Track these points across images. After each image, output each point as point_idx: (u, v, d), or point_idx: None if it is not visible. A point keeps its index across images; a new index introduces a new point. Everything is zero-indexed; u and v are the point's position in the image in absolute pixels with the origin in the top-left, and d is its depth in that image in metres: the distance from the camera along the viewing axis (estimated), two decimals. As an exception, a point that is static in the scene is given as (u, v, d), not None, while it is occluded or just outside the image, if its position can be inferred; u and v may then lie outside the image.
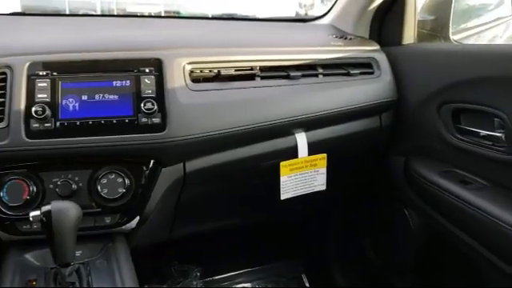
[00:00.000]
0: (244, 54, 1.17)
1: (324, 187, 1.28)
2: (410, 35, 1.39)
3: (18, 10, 1.48)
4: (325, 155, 1.25)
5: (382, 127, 1.35)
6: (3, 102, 0.96)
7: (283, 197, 1.23)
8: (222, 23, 1.67)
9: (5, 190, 0.96)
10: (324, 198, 1.35)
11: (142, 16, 2.51)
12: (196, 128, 1.04)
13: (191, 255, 1.75)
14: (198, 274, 1.71)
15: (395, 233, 1.53)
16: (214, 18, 1.90)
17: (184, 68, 1.07)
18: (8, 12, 1.44)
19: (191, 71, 1.09)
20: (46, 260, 0.95)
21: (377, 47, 1.37)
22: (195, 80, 1.10)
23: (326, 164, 1.25)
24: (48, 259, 0.91)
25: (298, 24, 1.69)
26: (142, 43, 1.15)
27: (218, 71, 1.12)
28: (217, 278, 1.79)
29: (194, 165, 1.10)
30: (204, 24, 1.63)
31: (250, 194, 1.35)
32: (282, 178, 1.21)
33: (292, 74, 1.18)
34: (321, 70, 1.23)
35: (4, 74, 0.98)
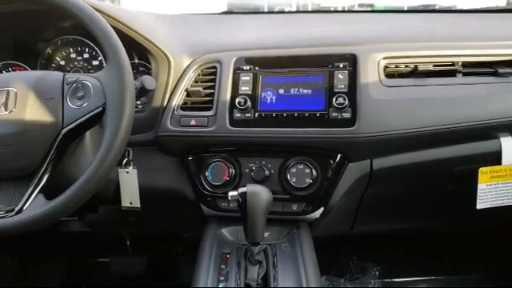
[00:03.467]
0: (444, 48, 1.10)
1: (531, 201, 1.12)
2: None
3: (225, 9, 1.65)
4: (535, 164, 1.09)
5: None
6: (213, 93, 1.09)
7: (480, 206, 1.11)
8: (419, 16, 1.58)
9: (209, 170, 1.09)
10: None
11: (336, 11, 2.54)
12: (387, 125, 1.01)
13: (371, 253, 1.72)
14: (377, 273, 1.68)
15: None
16: (410, 10, 1.81)
17: (379, 63, 1.06)
18: (218, 12, 1.62)
19: (386, 66, 1.07)
20: (238, 236, 1.06)
21: None
22: (389, 75, 1.08)
23: (536, 174, 1.09)
24: (240, 236, 1.01)
25: (509, 15, 1.49)
26: (337, 39, 1.17)
27: (415, 66, 1.07)
28: (396, 280, 1.73)
29: (382, 163, 1.08)
30: (400, 17, 1.57)
31: (440, 198, 1.26)
32: (480, 186, 1.09)
33: (501, 70, 1.06)
34: None
35: (215, 67, 1.11)
